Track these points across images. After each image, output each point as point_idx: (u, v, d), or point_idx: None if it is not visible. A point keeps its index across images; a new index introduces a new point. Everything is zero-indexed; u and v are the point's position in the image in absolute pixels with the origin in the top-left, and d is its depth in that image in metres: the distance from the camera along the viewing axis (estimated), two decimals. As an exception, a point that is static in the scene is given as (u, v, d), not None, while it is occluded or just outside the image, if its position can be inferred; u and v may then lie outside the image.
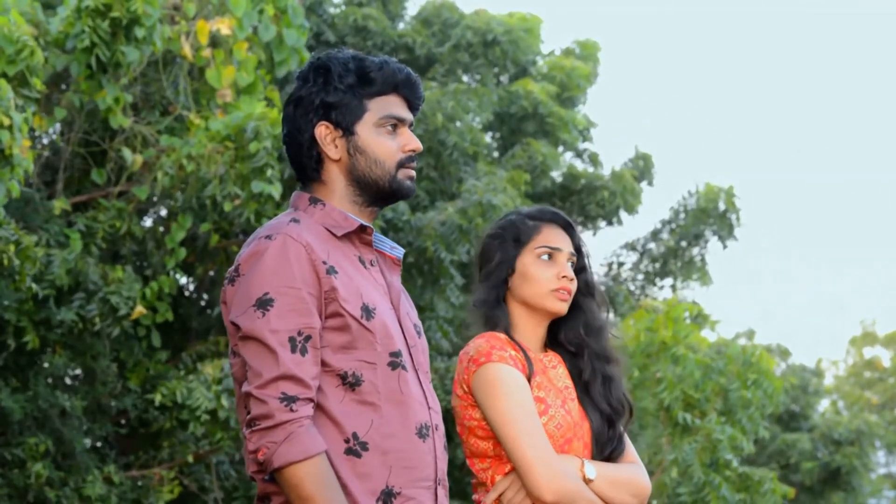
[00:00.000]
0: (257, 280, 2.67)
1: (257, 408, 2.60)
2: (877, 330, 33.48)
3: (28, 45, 7.37)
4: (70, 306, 9.22)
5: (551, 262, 3.11)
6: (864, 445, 19.08)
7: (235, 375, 2.76)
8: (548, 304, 3.09)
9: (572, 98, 14.61)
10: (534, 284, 3.10)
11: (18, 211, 9.35)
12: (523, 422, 2.93)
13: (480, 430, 3.01)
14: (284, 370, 2.61)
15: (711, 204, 14.99)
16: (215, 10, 9.14)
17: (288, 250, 2.69)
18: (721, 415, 10.10)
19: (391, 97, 2.86)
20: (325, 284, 2.69)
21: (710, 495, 9.63)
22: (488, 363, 2.98)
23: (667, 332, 10.24)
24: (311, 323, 2.66)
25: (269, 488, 2.69)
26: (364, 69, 2.83)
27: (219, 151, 8.94)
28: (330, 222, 2.81)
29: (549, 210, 3.19)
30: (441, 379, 11.33)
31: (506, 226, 3.17)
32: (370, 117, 2.83)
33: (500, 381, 2.96)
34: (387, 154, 2.84)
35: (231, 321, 2.70)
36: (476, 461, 3.04)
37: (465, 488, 12.69)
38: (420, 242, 11.18)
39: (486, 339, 3.05)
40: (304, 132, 2.84)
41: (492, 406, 2.96)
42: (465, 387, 3.02)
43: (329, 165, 2.85)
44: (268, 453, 2.59)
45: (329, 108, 2.82)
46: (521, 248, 3.13)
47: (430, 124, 12.15)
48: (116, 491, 9.67)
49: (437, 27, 14.20)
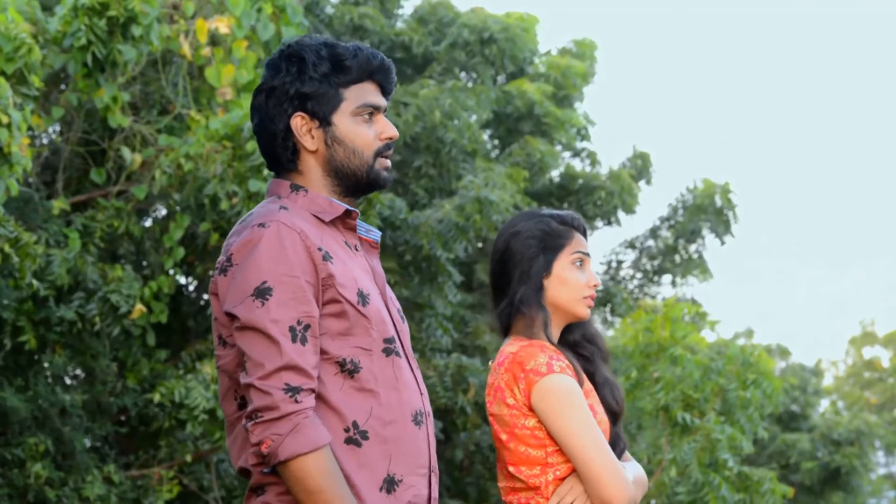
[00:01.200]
0: (254, 269, 2.63)
1: (260, 399, 2.56)
2: (876, 330, 33.50)
3: (26, 42, 7.37)
4: (70, 305, 9.23)
5: (582, 267, 3.18)
6: (863, 445, 19.08)
7: (224, 367, 2.71)
8: (578, 309, 3.16)
9: (569, 97, 14.63)
10: (569, 289, 3.15)
11: (18, 210, 9.36)
12: (591, 432, 2.99)
13: (533, 440, 3.05)
14: (287, 360, 2.57)
15: (708, 200, 15.02)
16: (214, 8, 9.15)
17: (283, 238, 2.65)
18: (720, 415, 10.10)
19: (366, 84, 2.82)
20: (321, 271, 2.66)
21: (708, 495, 9.62)
22: (551, 374, 3.02)
23: (665, 332, 10.23)
24: (311, 311, 2.63)
25: (264, 479, 2.66)
26: (338, 57, 2.79)
27: (217, 151, 8.96)
28: (316, 208, 2.78)
29: (575, 215, 3.24)
30: (441, 376, 11.32)
31: (541, 226, 3.18)
32: (347, 106, 2.79)
33: (565, 393, 3.01)
34: (365, 144, 2.80)
35: (227, 311, 2.65)
36: (524, 468, 3.06)
37: (466, 488, 12.68)
38: (417, 240, 11.19)
39: (538, 347, 3.07)
40: (277, 122, 2.79)
41: (559, 417, 3.00)
42: (522, 396, 3.04)
43: (305, 156, 2.81)
44: (272, 445, 2.55)
45: (305, 99, 2.77)
46: (558, 251, 3.16)
47: (428, 122, 12.15)
48: (116, 491, 9.67)
49: (433, 25, 14.21)
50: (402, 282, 11.45)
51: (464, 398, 11.26)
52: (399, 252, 11.45)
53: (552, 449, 3.04)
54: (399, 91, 12.78)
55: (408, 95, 12.54)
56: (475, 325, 13.12)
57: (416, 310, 11.79)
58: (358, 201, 2.90)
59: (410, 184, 12.69)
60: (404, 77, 14.15)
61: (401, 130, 12.12)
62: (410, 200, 12.43)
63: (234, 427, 2.73)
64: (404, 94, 12.58)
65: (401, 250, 11.40)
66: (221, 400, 2.75)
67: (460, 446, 12.25)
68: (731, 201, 15.03)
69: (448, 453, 12.38)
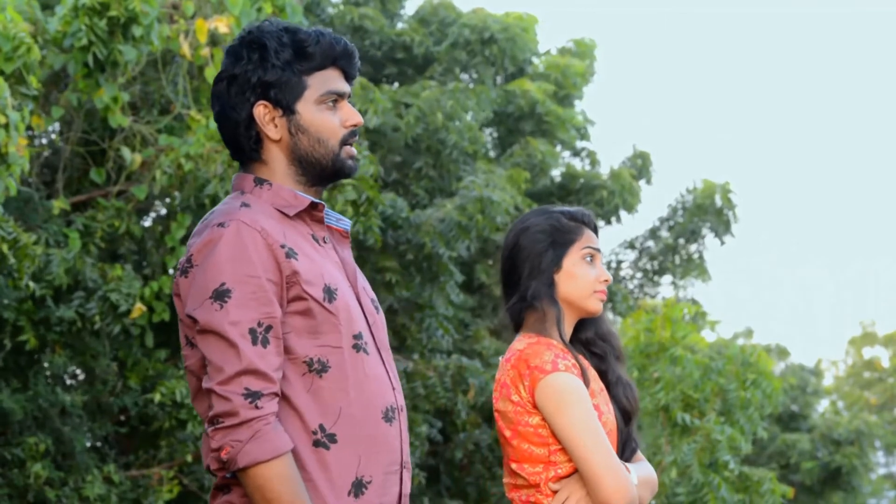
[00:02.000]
0: (212, 270, 2.56)
1: (220, 405, 2.51)
2: (877, 330, 33.51)
3: (25, 42, 7.36)
4: (69, 305, 9.23)
5: (593, 262, 3.17)
6: (863, 445, 19.09)
7: (191, 368, 2.66)
8: (590, 304, 3.15)
9: (569, 96, 14.63)
10: (579, 284, 3.14)
11: (18, 210, 9.36)
12: (593, 432, 2.98)
13: (536, 437, 3.05)
14: (247, 364, 2.51)
15: (708, 201, 15.02)
16: (213, 8, 9.15)
17: (243, 237, 2.58)
18: (720, 415, 10.10)
19: (329, 71, 2.75)
20: (285, 269, 2.59)
21: (708, 496, 9.62)
22: (555, 372, 3.01)
23: (665, 332, 10.22)
24: (272, 312, 2.55)
25: (229, 479, 2.62)
26: (300, 43, 2.71)
27: (217, 150, 8.96)
28: (280, 202, 2.70)
29: (585, 211, 3.24)
30: (441, 377, 11.32)
31: (551, 222, 3.18)
32: (310, 94, 2.72)
33: (569, 392, 3.00)
34: (330, 132, 2.73)
35: (187, 314, 2.59)
36: (527, 465, 3.06)
37: (466, 488, 12.68)
38: (419, 239, 11.18)
39: (545, 345, 3.07)
40: (240, 111, 2.71)
41: (562, 415, 2.99)
42: (527, 393, 3.04)
43: (269, 146, 2.73)
44: (232, 452, 2.50)
45: (267, 87, 2.70)
46: (568, 247, 3.16)
47: (429, 123, 12.16)
48: (116, 490, 9.67)
49: (434, 26, 14.22)
50: (402, 281, 11.45)
51: (463, 399, 11.26)
52: (400, 251, 11.44)
53: (555, 447, 3.03)
54: (400, 92, 12.78)
55: (409, 96, 12.53)
56: (475, 329, 13.12)
57: (417, 310, 11.78)
58: (325, 189, 2.82)
59: (411, 185, 12.69)
60: (405, 77, 14.16)
61: (402, 132, 12.13)
62: (411, 201, 12.43)
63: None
64: (405, 95, 12.58)
65: (402, 249, 11.40)
66: (193, 399, 2.70)
67: (460, 446, 12.25)
68: (731, 201, 15.04)
69: (448, 453, 12.38)
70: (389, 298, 11.51)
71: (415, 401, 11.14)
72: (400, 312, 11.84)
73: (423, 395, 11.18)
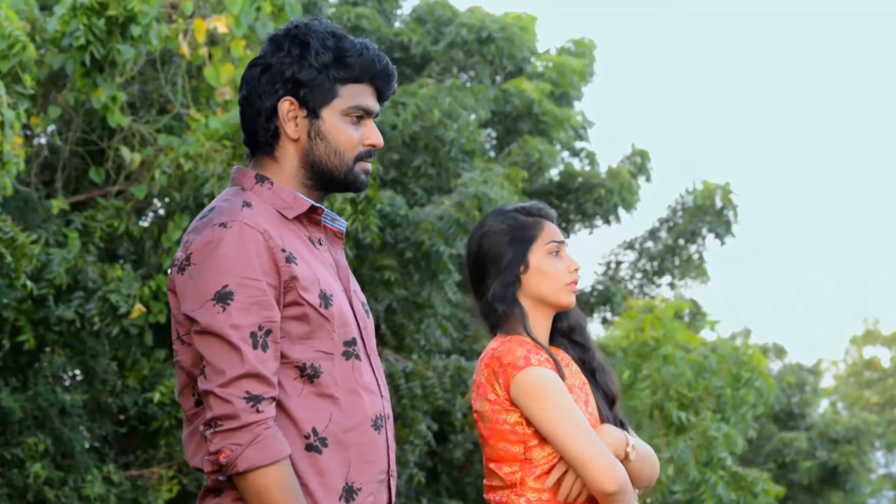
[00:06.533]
0: (214, 271, 2.53)
1: (221, 407, 2.49)
2: (880, 328, 33.51)
3: (20, 40, 7.36)
4: (69, 305, 9.24)
5: (559, 255, 3.16)
6: (862, 444, 19.10)
7: (182, 364, 2.63)
8: (562, 298, 3.14)
9: (567, 96, 14.63)
10: (549, 279, 3.13)
11: (17, 210, 9.38)
12: (574, 420, 2.98)
13: (513, 435, 3.04)
14: (249, 368, 2.50)
15: (708, 201, 15.02)
16: (212, 7, 9.16)
17: (246, 239, 2.55)
18: (715, 412, 10.11)
19: (364, 86, 2.72)
20: (284, 273, 2.57)
21: (704, 494, 9.63)
22: (528, 367, 3.01)
23: (654, 331, 10.22)
24: (272, 316, 2.55)
25: (221, 483, 2.59)
26: (343, 51, 2.69)
27: (216, 150, 8.97)
28: (280, 203, 2.68)
29: (541, 205, 3.23)
30: (440, 377, 11.32)
31: (509, 222, 3.17)
32: (339, 103, 2.69)
33: (544, 384, 3.00)
34: (348, 145, 2.70)
35: (185, 314, 2.56)
36: (504, 465, 3.05)
37: (465, 488, 12.69)
38: (418, 236, 11.18)
39: (517, 343, 3.07)
40: (265, 101, 2.69)
41: (540, 408, 2.99)
42: (503, 391, 3.04)
43: (285, 142, 2.71)
44: (231, 456, 2.48)
45: (298, 85, 2.67)
46: (530, 243, 3.15)
47: (427, 121, 12.16)
48: (116, 490, 9.68)
49: (431, 25, 14.22)
50: (401, 280, 11.45)
51: (462, 400, 11.27)
52: (399, 249, 11.44)
53: (532, 444, 3.03)
54: (398, 91, 12.78)
55: (406, 95, 12.54)
56: (475, 329, 13.13)
57: (416, 310, 11.78)
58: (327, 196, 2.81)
59: (409, 183, 12.69)
60: (403, 77, 14.16)
61: (399, 130, 12.13)
62: (409, 200, 12.43)
63: (191, 422, 2.66)
64: (403, 94, 12.59)
65: (401, 247, 11.39)
66: (178, 395, 2.67)
67: (459, 446, 12.26)
68: (732, 201, 15.04)
69: (447, 454, 12.39)
70: (388, 297, 11.52)
71: (413, 401, 11.15)
72: (399, 312, 11.85)
73: (421, 396, 11.19)
